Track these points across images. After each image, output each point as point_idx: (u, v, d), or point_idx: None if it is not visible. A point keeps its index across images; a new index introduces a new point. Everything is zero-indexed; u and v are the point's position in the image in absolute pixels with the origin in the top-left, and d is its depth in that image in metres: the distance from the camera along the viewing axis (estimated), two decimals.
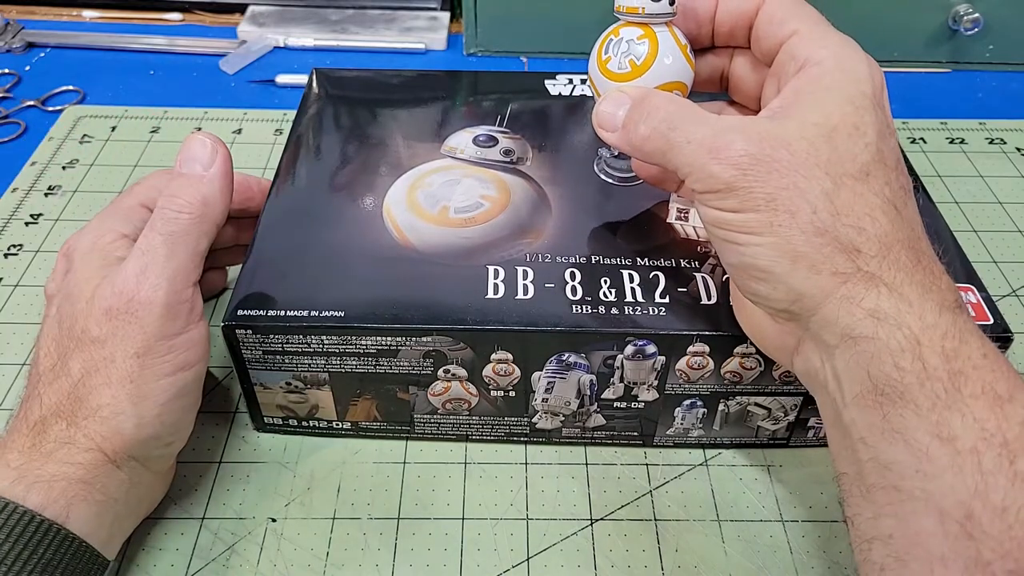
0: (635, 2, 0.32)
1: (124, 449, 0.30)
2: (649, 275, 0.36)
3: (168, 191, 0.33)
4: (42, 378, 0.31)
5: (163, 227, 0.32)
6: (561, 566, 0.34)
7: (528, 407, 0.37)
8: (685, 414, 0.37)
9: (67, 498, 0.29)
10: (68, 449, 0.29)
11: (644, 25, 0.32)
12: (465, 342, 0.34)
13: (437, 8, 0.71)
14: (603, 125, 0.32)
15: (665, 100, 0.30)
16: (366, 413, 0.37)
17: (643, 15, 0.32)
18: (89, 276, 0.32)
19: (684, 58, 0.33)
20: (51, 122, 0.59)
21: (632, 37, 0.32)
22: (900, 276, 0.26)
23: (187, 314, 0.32)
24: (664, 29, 0.32)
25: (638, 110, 0.30)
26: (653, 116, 0.30)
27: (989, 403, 0.24)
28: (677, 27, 0.33)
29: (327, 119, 0.45)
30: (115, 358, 0.30)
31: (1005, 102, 0.63)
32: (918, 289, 0.26)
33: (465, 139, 0.43)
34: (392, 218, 0.38)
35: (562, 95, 0.47)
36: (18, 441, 0.30)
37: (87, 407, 0.30)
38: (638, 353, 0.34)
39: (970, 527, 0.23)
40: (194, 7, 0.72)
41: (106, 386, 0.30)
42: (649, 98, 0.31)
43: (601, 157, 0.42)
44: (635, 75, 0.32)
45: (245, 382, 0.36)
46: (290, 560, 0.34)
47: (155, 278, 0.31)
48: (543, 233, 0.38)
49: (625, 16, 0.33)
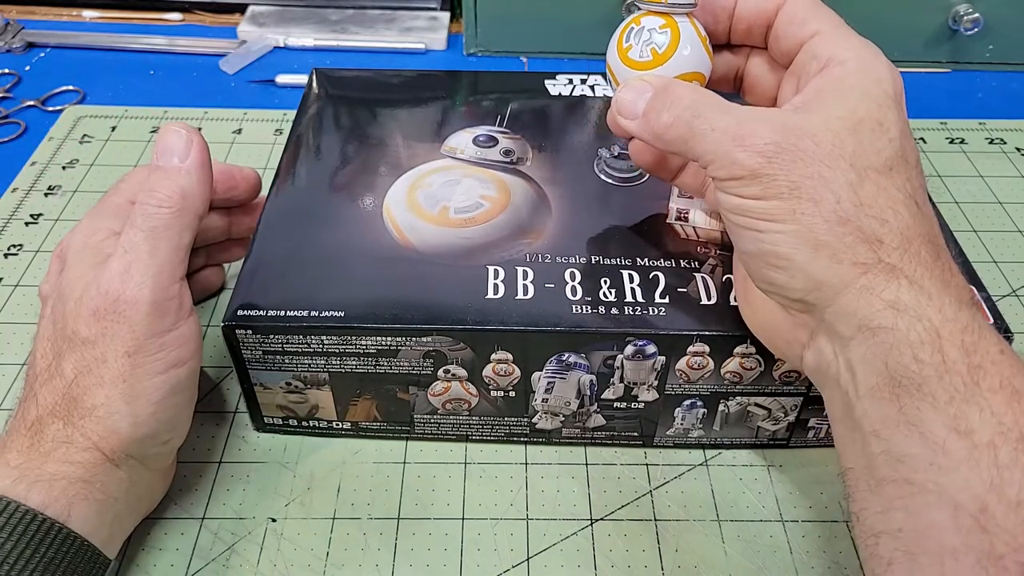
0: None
1: (121, 448, 0.30)
2: (649, 275, 0.36)
3: (147, 186, 0.32)
4: (38, 378, 0.31)
5: (144, 223, 0.31)
6: (561, 566, 0.34)
7: (528, 407, 0.37)
8: (685, 414, 0.37)
9: (68, 497, 0.29)
10: (66, 448, 0.29)
11: (666, 15, 0.33)
12: (465, 342, 0.34)
13: (437, 8, 0.71)
14: (623, 112, 0.32)
15: (688, 89, 0.30)
16: (366, 413, 0.37)
17: (666, 5, 0.32)
18: (80, 275, 0.32)
19: (704, 49, 0.33)
20: (51, 122, 0.59)
21: (654, 26, 0.33)
22: (920, 270, 0.26)
23: (176, 310, 0.31)
24: (685, 19, 0.33)
25: (661, 98, 0.30)
26: (676, 104, 0.30)
27: (1007, 398, 0.24)
28: (697, 19, 0.33)
29: (327, 119, 0.45)
30: (106, 358, 0.30)
31: (1005, 102, 0.63)
32: (938, 284, 0.26)
33: (465, 139, 0.43)
34: (392, 218, 0.38)
35: (562, 95, 0.47)
36: (17, 441, 0.30)
37: (82, 407, 0.30)
38: (638, 353, 0.34)
39: (984, 520, 0.23)
40: (194, 7, 0.72)
41: (99, 386, 0.30)
42: (672, 87, 0.31)
43: (601, 157, 0.42)
44: (656, 64, 0.32)
45: (245, 382, 0.36)
46: (290, 560, 0.34)
47: (139, 276, 0.31)
48: (543, 233, 0.38)
49: (647, 5, 0.33)
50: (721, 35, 0.34)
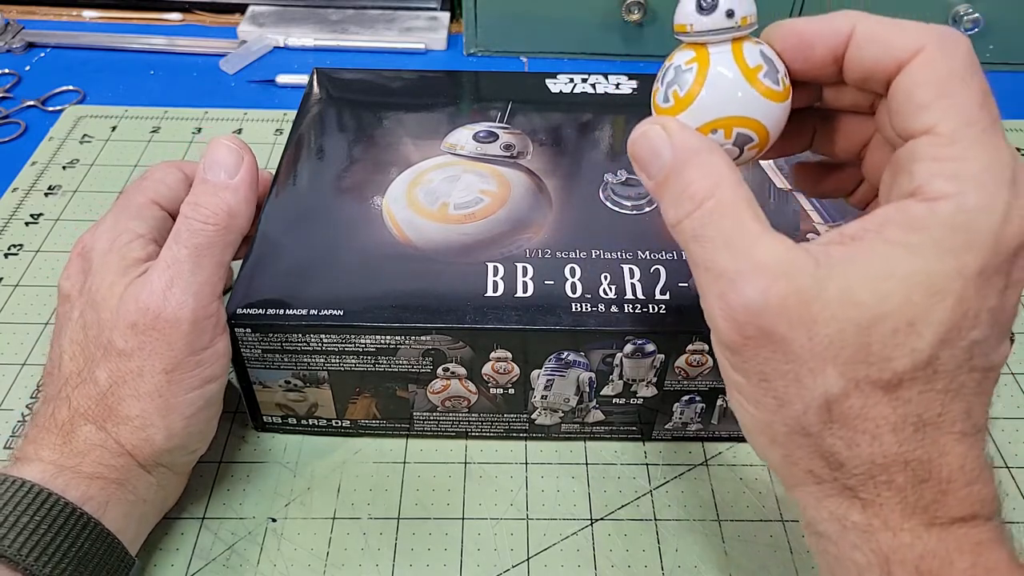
0: (682, 18, 0.26)
1: (153, 457, 0.31)
2: (650, 269, 0.36)
3: (192, 198, 0.32)
4: (68, 381, 0.31)
5: (188, 239, 0.31)
6: (561, 566, 0.34)
7: (527, 404, 0.37)
8: (684, 409, 0.37)
9: (105, 495, 0.30)
10: (100, 452, 0.30)
11: (696, 46, 0.26)
12: (464, 341, 0.34)
13: (437, 8, 0.71)
14: (637, 162, 0.26)
15: (708, 183, 0.24)
16: (365, 411, 0.37)
17: (692, 33, 0.26)
18: (112, 281, 0.31)
19: (754, 88, 0.25)
20: (51, 122, 0.59)
21: (680, 63, 0.26)
22: (886, 495, 0.22)
23: (212, 328, 0.31)
24: (724, 49, 0.26)
25: (674, 181, 0.24)
26: (685, 202, 0.24)
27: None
28: (763, 47, 0.26)
29: (328, 119, 0.45)
30: (143, 372, 0.30)
31: (1005, 102, 0.62)
32: (907, 508, 0.22)
33: (465, 135, 0.43)
34: (391, 215, 0.38)
35: (563, 92, 0.47)
36: (48, 439, 0.30)
37: (118, 416, 0.30)
38: (637, 351, 0.34)
39: None
40: (194, 7, 0.72)
41: (135, 398, 0.30)
42: (689, 169, 0.24)
43: (607, 183, 0.40)
44: (678, 109, 0.26)
45: (244, 381, 0.36)
46: (290, 560, 0.34)
47: (181, 294, 0.30)
48: (543, 227, 0.38)
49: (678, 36, 0.26)
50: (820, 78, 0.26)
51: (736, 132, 0.26)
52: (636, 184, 0.40)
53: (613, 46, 0.66)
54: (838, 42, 0.25)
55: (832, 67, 0.25)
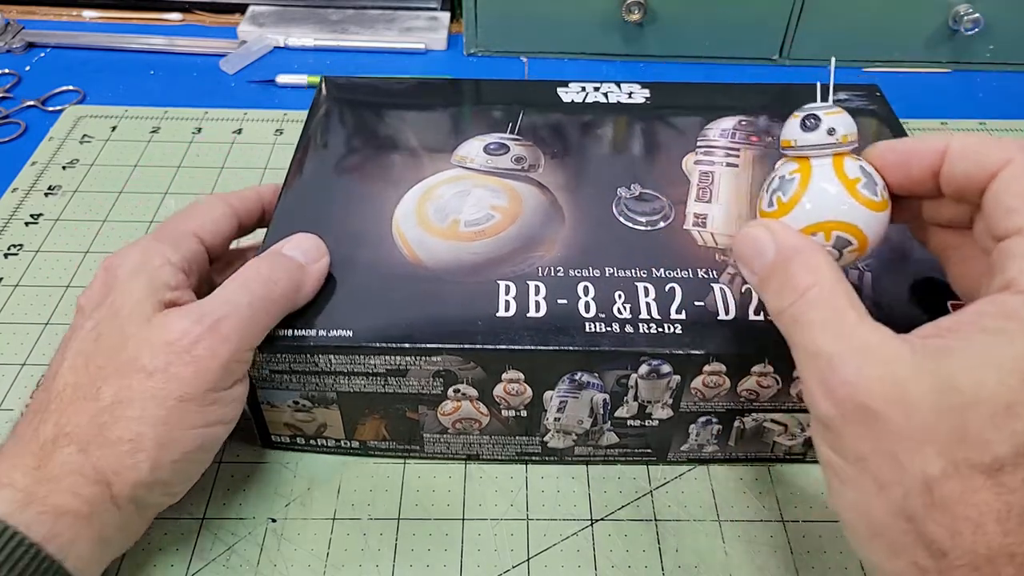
0: (788, 135, 0.29)
1: (130, 488, 0.29)
2: (665, 287, 0.35)
3: (265, 258, 0.33)
4: (60, 395, 0.30)
5: (257, 288, 0.31)
6: (561, 566, 0.34)
7: (540, 426, 0.36)
8: (700, 430, 0.36)
9: (72, 532, 0.28)
10: (74, 479, 0.28)
11: (800, 159, 0.29)
12: (475, 362, 0.33)
13: (437, 8, 0.71)
14: (741, 259, 0.29)
15: (810, 275, 0.26)
16: (375, 432, 0.37)
17: (796, 147, 0.29)
18: (139, 299, 0.31)
19: (850, 194, 0.28)
20: (51, 122, 0.59)
21: (785, 173, 0.29)
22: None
23: (239, 373, 0.32)
24: (826, 162, 0.28)
25: (779, 275, 0.26)
26: (788, 293, 0.26)
27: None
28: (863, 163, 0.29)
29: (334, 131, 0.44)
30: (157, 395, 0.29)
31: (1005, 102, 0.63)
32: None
33: (476, 147, 0.43)
34: (401, 233, 0.37)
35: (575, 102, 0.46)
36: (22, 459, 0.28)
37: (106, 437, 0.29)
38: (653, 372, 0.33)
39: None
40: (194, 7, 0.72)
41: (136, 421, 0.29)
42: (792, 264, 0.26)
43: (620, 198, 0.40)
44: (781, 213, 0.29)
45: (252, 400, 0.35)
46: (290, 560, 0.34)
47: (229, 331, 0.30)
48: (556, 244, 0.37)
49: (783, 152, 0.30)
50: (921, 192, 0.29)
51: (835, 235, 0.28)
52: (650, 199, 0.39)
53: (613, 46, 0.66)
54: (934, 158, 0.27)
55: (930, 182, 0.28)
